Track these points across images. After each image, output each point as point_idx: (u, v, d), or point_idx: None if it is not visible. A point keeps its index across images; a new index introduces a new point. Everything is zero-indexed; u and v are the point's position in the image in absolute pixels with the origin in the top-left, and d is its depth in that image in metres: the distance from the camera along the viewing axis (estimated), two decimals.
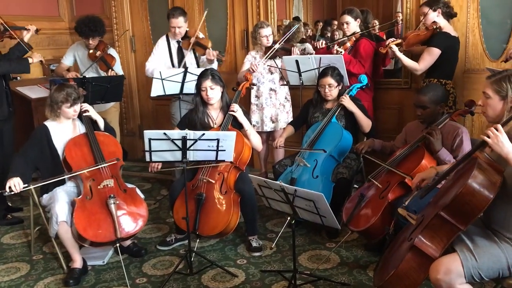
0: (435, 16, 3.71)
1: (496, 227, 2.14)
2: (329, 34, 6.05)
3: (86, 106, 3.35)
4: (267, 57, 4.24)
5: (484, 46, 4.03)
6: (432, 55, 3.68)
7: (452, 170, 2.23)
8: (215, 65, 4.42)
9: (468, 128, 3.99)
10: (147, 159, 2.97)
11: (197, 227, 3.20)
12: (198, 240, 3.41)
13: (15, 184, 2.93)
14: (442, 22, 3.72)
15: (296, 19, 6.13)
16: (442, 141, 2.94)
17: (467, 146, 2.88)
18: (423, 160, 2.88)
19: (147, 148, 2.91)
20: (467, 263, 2.03)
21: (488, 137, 1.98)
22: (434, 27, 3.68)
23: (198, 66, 4.43)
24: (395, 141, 3.42)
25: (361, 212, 3.10)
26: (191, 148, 2.90)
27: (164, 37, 4.56)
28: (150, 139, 2.88)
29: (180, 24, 4.34)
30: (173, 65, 4.46)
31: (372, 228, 2.95)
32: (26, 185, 3.00)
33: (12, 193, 2.94)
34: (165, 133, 2.85)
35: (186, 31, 4.43)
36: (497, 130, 1.97)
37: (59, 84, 3.32)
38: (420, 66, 3.72)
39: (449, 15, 3.80)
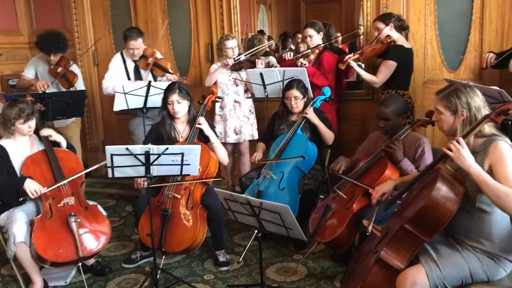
0: (388, 30, 3.84)
1: (458, 235, 2.18)
2: (292, 47, 6.13)
3: (46, 132, 3.25)
4: (235, 61, 4.26)
5: (442, 58, 4.16)
6: (388, 67, 3.79)
7: (415, 181, 2.26)
8: None
9: (429, 137, 4.08)
10: (109, 175, 2.90)
11: (163, 244, 3.14)
12: (164, 257, 3.35)
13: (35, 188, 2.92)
14: (396, 36, 3.85)
15: (261, 32, 6.19)
16: (404, 151, 3.00)
17: (428, 156, 2.94)
18: (386, 171, 2.92)
19: (109, 164, 2.84)
20: (432, 274, 2.06)
21: (450, 150, 2.02)
22: (389, 40, 3.80)
23: None
24: (357, 152, 3.46)
25: (327, 223, 3.11)
26: (155, 163, 2.86)
27: (118, 55, 4.50)
28: (112, 155, 2.82)
29: (139, 45, 4.31)
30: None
31: (338, 239, 2.96)
32: (46, 188, 2.99)
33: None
34: (127, 148, 2.80)
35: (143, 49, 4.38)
36: (458, 143, 2.01)
37: (11, 100, 3.20)
38: (378, 79, 3.83)
39: (402, 28, 3.94)
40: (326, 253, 3.42)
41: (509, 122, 3.27)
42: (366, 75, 3.89)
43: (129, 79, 4.39)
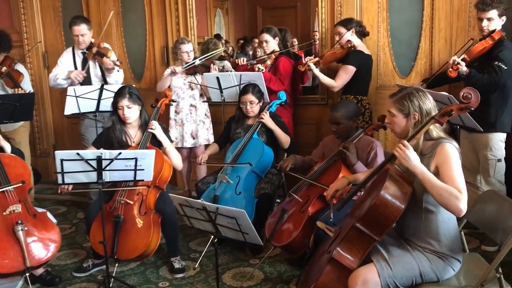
0: (349, 35, 3.89)
1: (408, 236, 2.23)
2: (250, 52, 6.14)
3: None
4: (185, 67, 4.23)
5: (394, 64, 4.27)
6: (347, 72, 3.84)
7: (366, 182, 2.30)
8: (120, 76, 4.30)
9: (382, 141, 4.19)
10: (59, 181, 2.80)
11: (116, 251, 3.06)
12: (117, 265, 3.27)
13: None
14: (356, 41, 3.90)
15: (217, 36, 6.17)
16: (357, 155, 3.05)
17: (381, 159, 3.00)
18: (340, 174, 2.96)
19: (58, 169, 2.74)
20: (383, 272, 2.10)
21: (397, 153, 2.08)
22: (349, 45, 3.85)
23: (104, 78, 4.29)
24: (312, 155, 3.50)
25: (283, 227, 3.12)
26: (107, 168, 2.77)
27: (69, 49, 4.40)
28: (62, 160, 2.72)
29: (82, 31, 4.17)
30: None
31: (293, 243, 2.97)
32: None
33: None
34: (78, 153, 2.70)
35: (92, 42, 4.27)
36: (403, 145, 2.06)
37: None
38: (337, 83, 3.87)
39: (362, 34, 4.00)
40: (282, 257, 3.43)
41: (457, 126, 3.40)
42: (325, 79, 3.91)
43: (75, 67, 4.29)
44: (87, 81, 4.25)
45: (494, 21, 3.24)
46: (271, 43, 4.25)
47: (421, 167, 2.05)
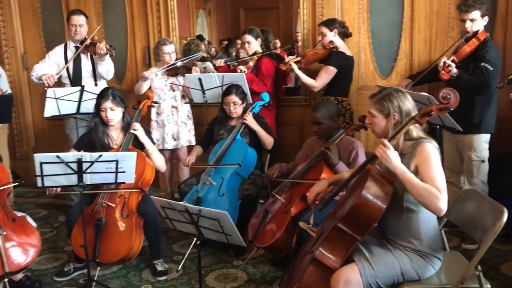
0: (332, 36, 3.90)
1: (390, 236, 2.25)
2: (234, 53, 6.14)
3: None
4: (164, 68, 4.20)
5: (375, 65, 4.31)
6: (328, 73, 3.85)
7: (347, 182, 2.32)
8: (111, 65, 4.27)
9: (363, 141, 4.23)
10: (39, 184, 2.75)
11: (97, 254, 3.02)
12: (99, 268, 3.23)
13: None
14: (339, 42, 3.92)
15: (200, 37, 6.15)
16: (339, 155, 3.07)
17: (362, 159, 3.02)
18: (323, 174, 2.98)
19: (38, 172, 2.70)
20: (365, 272, 2.11)
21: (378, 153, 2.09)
22: (331, 46, 3.87)
23: (95, 72, 4.27)
24: (296, 159, 3.50)
25: (266, 228, 3.12)
26: (88, 171, 2.74)
27: (62, 44, 4.38)
28: (41, 163, 2.68)
29: (81, 21, 4.20)
30: (67, 72, 4.27)
31: (277, 243, 2.98)
32: None
33: None
34: (58, 156, 2.67)
35: (85, 37, 4.25)
36: (384, 145, 2.08)
37: None
38: (317, 83, 3.89)
39: (345, 35, 4.02)
40: (265, 258, 3.43)
41: (437, 126, 3.44)
42: (306, 78, 3.92)
43: (66, 62, 4.27)
44: (77, 75, 4.23)
45: (477, 21, 3.27)
46: (253, 44, 4.25)
47: (401, 167, 2.07)
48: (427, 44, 4.12)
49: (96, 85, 4.26)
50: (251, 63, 4.16)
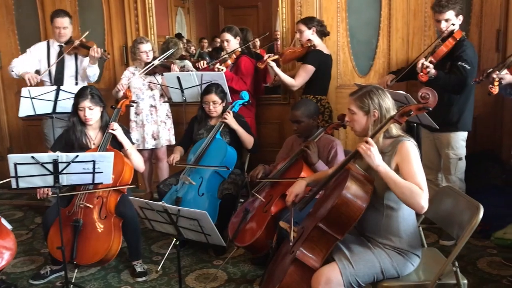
0: (310, 34, 3.90)
1: (369, 233, 2.26)
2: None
3: None
4: (142, 72, 4.15)
5: (353, 63, 4.35)
6: (307, 71, 3.86)
7: (327, 181, 2.32)
8: (98, 69, 4.22)
9: (342, 140, 4.26)
10: (13, 185, 2.69)
11: (75, 256, 2.97)
12: (76, 270, 3.19)
13: None
14: (317, 41, 3.93)
15: (178, 36, 6.11)
16: (318, 153, 3.08)
17: (341, 158, 3.04)
18: (302, 173, 2.98)
19: (12, 173, 2.64)
20: (345, 271, 2.12)
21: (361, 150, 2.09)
22: (309, 44, 3.87)
23: (77, 73, 4.22)
24: (277, 158, 3.49)
25: (246, 227, 3.11)
26: (64, 171, 2.69)
27: (45, 42, 4.32)
28: (16, 164, 2.62)
29: (65, 24, 4.14)
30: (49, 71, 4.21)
31: (257, 243, 2.97)
32: None
33: None
34: (33, 157, 2.61)
35: (71, 37, 4.20)
36: (367, 142, 2.09)
37: None
38: (296, 82, 3.89)
39: (323, 33, 4.03)
40: (246, 257, 3.42)
41: (414, 124, 3.48)
42: (284, 77, 3.92)
43: (49, 62, 4.21)
44: (60, 75, 4.17)
45: (452, 21, 3.32)
46: (232, 43, 4.23)
47: (384, 166, 2.07)
48: (404, 42, 4.17)
49: (76, 84, 4.19)
50: (229, 61, 4.14)
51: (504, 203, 3.56)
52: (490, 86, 2.69)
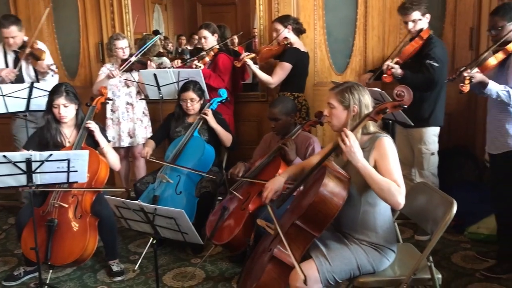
0: (286, 32, 3.91)
1: (346, 229, 2.28)
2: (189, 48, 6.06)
3: None
4: (122, 69, 4.09)
5: (330, 61, 4.37)
6: (284, 69, 3.87)
7: (305, 178, 2.33)
8: (55, 79, 4.12)
9: (319, 137, 4.28)
10: None
11: (50, 257, 2.93)
12: (51, 271, 3.13)
13: None
14: (293, 38, 3.94)
15: (156, 32, 6.04)
16: (296, 150, 3.09)
17: None
18: (280, 170, 2.99)
19: None
20: (322, 268, 2.13)
21: (343, 145, 2.10)
22: (286, 42, 3.88)
23: (37, 78, 4.09)
24: (254, 154, 3.50)
25: (224, 225, 3.11)
26: (38, 170, 2.64)
27: (0, 45, 4.15)
28: None
29: (13, 33, 3.94)
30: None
31: (234, 240, 2.97)
32: None
33: None
34: (5, 156, 2.55)
35: (25, 40, 4.04)
36: (347, 135, 2.09)
37: None
38: (273, 79, 3.90)
39: (299, 31, 4.04)
40: (224, 255, 3.42)
41: (390, 121, 3.52)
42: (261, 75, 3.92)
43: (6, 65, 4.06)
44: (19, 80, 4.02)
45: (420, 21, 3.37)
46: (210, 40, 4.20)
47: (363, 162, 2.09)
48: (380, 40, 4.21)
49: None
50: (207, 59, 4.12)
51: (478, 198, 3.62)
52: (461, 84, 2.74)
